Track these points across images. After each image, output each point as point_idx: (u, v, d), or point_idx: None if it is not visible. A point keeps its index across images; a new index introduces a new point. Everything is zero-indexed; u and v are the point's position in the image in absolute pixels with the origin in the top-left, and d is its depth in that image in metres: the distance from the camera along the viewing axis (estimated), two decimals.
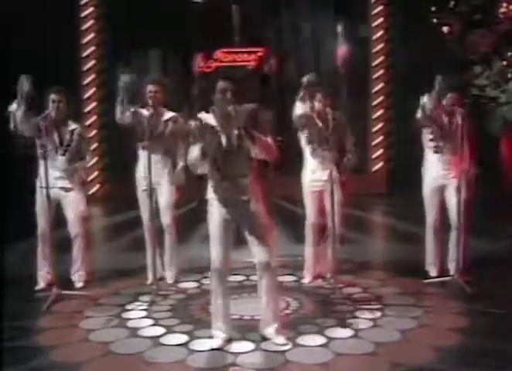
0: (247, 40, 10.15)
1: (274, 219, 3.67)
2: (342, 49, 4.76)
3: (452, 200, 4.73)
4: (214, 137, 3.45)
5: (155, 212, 4.73)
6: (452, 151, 4.71)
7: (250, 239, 3.53)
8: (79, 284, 4.82)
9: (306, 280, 4.90)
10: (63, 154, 4.72)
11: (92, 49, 10.01)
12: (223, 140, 3.45)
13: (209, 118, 3.51)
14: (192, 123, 3.53)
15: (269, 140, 3.45)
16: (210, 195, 3.56)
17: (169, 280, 4.93)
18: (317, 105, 4.65)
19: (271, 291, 3.57)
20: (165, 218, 4.84)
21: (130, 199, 5.10)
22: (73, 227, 4.78)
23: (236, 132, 3.42)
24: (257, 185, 3.57)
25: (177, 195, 4.89)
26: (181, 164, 4.74)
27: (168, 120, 4.78)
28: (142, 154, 4.78)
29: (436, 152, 4.78)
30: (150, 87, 4.69)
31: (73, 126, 4.79)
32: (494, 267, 4.99)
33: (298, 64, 10.07)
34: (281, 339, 3.57)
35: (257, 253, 3.53)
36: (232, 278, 4.16)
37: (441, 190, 4.84)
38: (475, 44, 9.26)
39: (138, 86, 4.78)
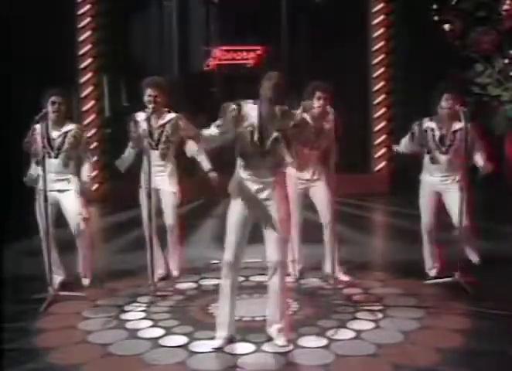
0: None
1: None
2: None
3: (451, 204, 4.70)
4: (248, 130, 3.43)
5: (155, 213, 4.74)
6: (453, 156, 4.71)
7: (268, 237, 3.54)
8: (86, 282, 4.85)
9: (305, 280, 4.91)
10: (56, 157, 4.70)
11: (89, 46, 10.00)
12: (256, 136, 3.43)
13: (251, 109, 3.46)
14: (232, 107, 3.43)
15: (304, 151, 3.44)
16: (233, 190, 3.55)
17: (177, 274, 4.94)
18: (316, 103, 4.65)
19: (279, 291, 3.57)
20: (169, 218, 4.83)
21: (129, 198, 5.10)
22: (74, 228, 4.75)
23: (274, 134, 3.42)
24: (283, 185, 3.56)
25: (180, 195, 4.89)
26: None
27: (166, 123, 4.76)
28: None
29: (433, 163, 4.79)
30: (149, 91, 4.64)
31: (68, 127, 4.75)
32: (497, 267, 4.98)
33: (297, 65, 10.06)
34: (282, 340, 3.56)
35: (271, 251, 3.53)
36: None
37: (438, 194, 4.82)
38: (477, 42, 9.26)
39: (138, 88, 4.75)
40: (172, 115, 4.81)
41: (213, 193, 4.78)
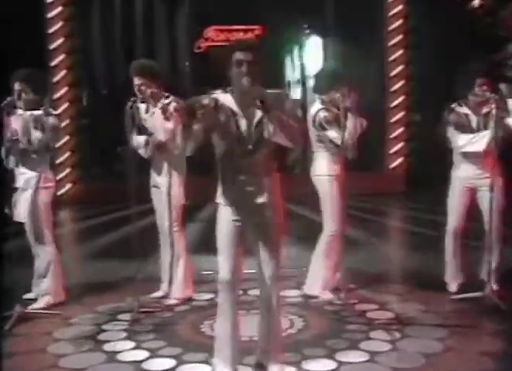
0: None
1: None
2: None
3: (486, 204, 4.68)
4: (231, 121, 3.31)
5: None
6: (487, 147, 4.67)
7: (261, 249, 3.42)
8: (41, 304, 4.73)
9: (313, 294, 4.87)
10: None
11: (60, 24, 9.95)
12: (243, 125, 3.32)
13: (226, 99, 3.35)
14: (206, 101, 3.25)
15: (295, 124, 3.27)
16: (220, 198, 3.45)
17: (175, 294, 4.84)
18: (336, 97, 4.63)
19: (272, 311, 3.47)
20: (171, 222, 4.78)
21: (106, 200, 5.06)
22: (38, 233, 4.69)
23: (256, 118, 3.29)
24: (278, 185, 3.45)
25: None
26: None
27: (161, 109, 4.65)
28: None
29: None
30: (135, 80, 4.64)
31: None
32: None
33: None
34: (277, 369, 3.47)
35: (264, 265, 3.43)
36: None
37: (471, 192, 4.81)
38: (508, 20, 9.26)
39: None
40: (169, 100, 4.71)
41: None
